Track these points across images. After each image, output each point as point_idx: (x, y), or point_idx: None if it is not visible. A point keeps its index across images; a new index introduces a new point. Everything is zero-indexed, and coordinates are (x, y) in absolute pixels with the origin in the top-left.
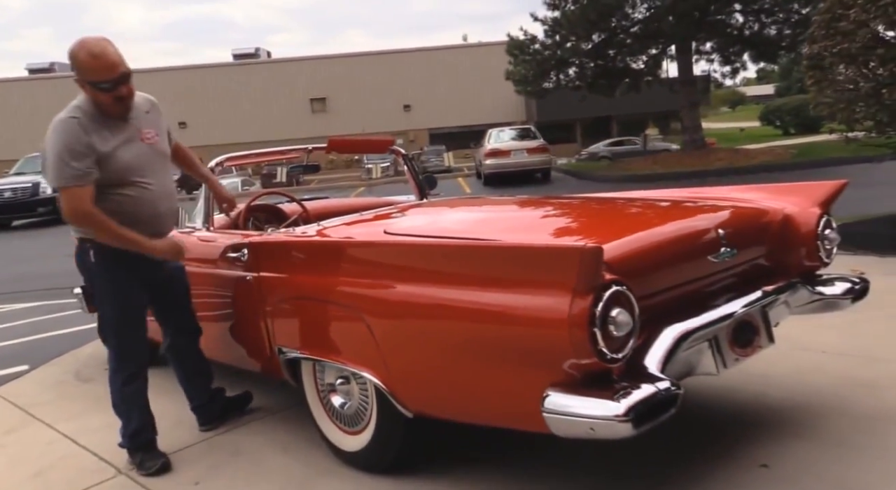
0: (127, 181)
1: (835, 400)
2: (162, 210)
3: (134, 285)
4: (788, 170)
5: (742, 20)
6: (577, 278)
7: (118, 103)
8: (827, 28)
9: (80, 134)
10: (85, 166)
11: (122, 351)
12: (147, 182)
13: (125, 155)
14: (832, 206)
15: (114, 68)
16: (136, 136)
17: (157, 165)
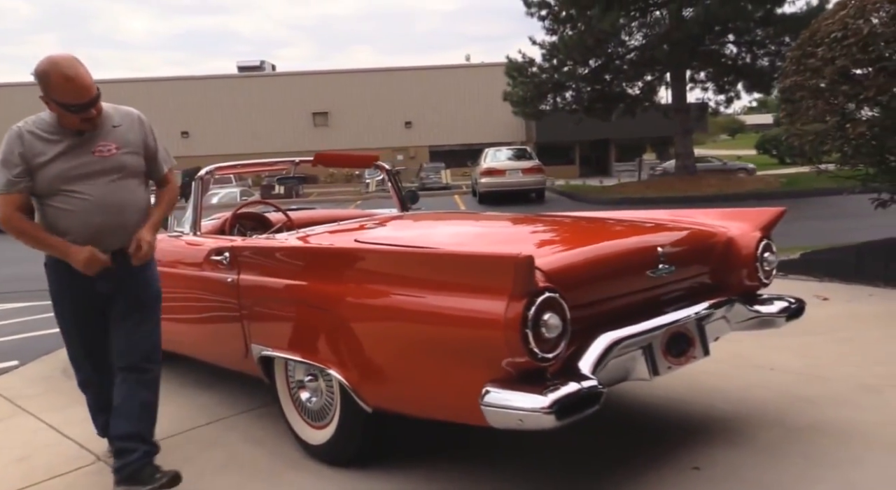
0: (57, 191)
1: (774, 412)
2: (97, 222)
3: (73, 295)
4: (776, 198)
5: (735, 51)
6: (512, 284)
7: (85, 123)
8: (798, 64)
9: (17, 145)
10: (13, 175)
11: (70, 356)
12: (81, 193)
13: (60, 165)
14: (772, 231)
15: (86, 92)
16: (86, 148)
17: (102, 177)
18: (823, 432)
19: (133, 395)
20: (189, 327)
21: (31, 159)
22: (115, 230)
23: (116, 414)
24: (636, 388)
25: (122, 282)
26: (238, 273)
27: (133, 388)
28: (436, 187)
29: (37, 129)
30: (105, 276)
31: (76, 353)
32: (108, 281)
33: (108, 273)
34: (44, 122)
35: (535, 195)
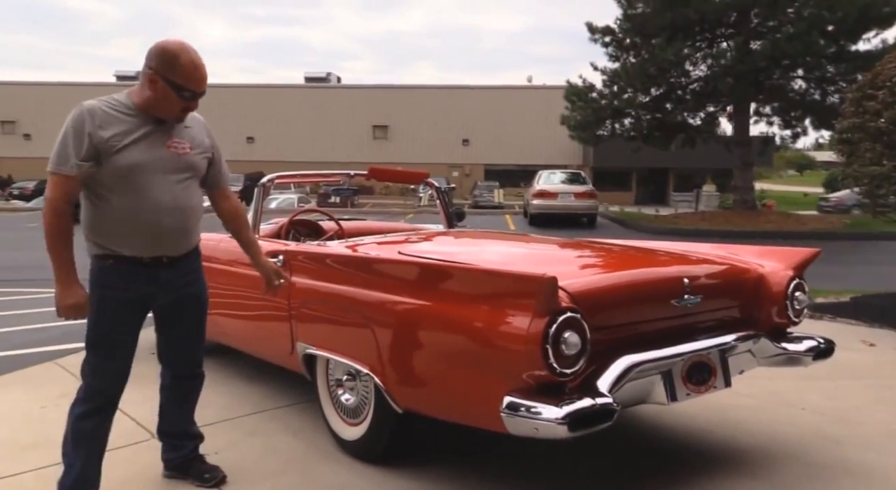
0: (127, 183)
1: (798, 449)
2: (166, 224)
3: (118, 305)
4: (837, 239)
5: (804, 86)
6: (537, 302)
7: (182, 113)
8: (857, 105)
9: (88, 121)
10: (80, 155)
11: (90, 374)
12: (153, 190)
13: (137, 154)
14: (805, 271)
15: (203, 82)
16: (162, 140)
17: (174, 175)
18: (845, 472)
19: (185, 401)
20: (240, 323)
21: (105, 140)
22: (181, 235)
23: (168, 413)
24: (658, 415)
25: (181, 292)
26: (290, 275)
27: (185, 394)
28: (488, 206)
29: (112, 109)
30: (168, 286)
31: (104, 375)
32: (171, 291)
33: (169, 283)
34: (119, 102)
35: (587, 220)
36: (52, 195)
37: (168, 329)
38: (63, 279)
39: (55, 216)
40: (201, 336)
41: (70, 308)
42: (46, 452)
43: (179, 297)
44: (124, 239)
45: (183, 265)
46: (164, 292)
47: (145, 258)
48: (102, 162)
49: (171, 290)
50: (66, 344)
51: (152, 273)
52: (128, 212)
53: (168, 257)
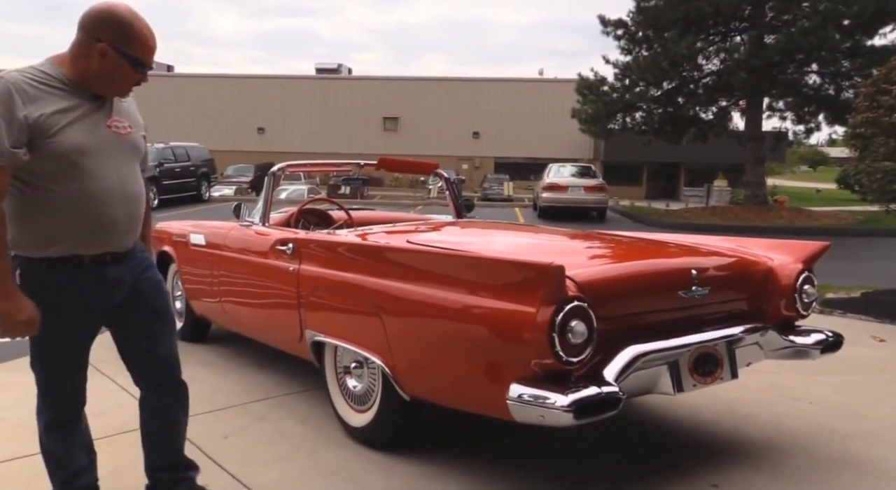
0: (67, 171)
1: (804, 443)
2: (117, 216)
3: (64, 313)
4: (848, 235)
5: (818, 81)
6: (543, 291)
7: (127, 87)
8: (871, 100)
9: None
10: (11, 141)
11: (43, 389)
12: (100, 177)
13: (77, 136)
14: (814, 264)
15: (154, 52)
16: (100, 119)
17: (122, 159)
18: (851, 467)
19: (173, 420)
20: (250, 310)
21: (39, 121)
22: (131, 227)
23: (158, 443)
24: (666, 407)
25: (137, 290)
26: (299, 263)
27: (172, 411)
28: (498, 198)
29: (41, 84)
30: (119, 286)
31: (55, 389)
32: (122, 291)
33: (120, 282)
34: (47, 75)
35: (597, 214)
36: None
37: (131, 329)
38: (4, 291)
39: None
40: (172, 329)
41: (23, 324)
42: None
43: (135, 288)
44: (64, 236)
45: (130, 260)
46: (117, 290)
47: (86, 257)
48: (35, 147)
49: (123, 286)
50: None
51: (98, 272)
52: (70, 204)
53: (112, 254)
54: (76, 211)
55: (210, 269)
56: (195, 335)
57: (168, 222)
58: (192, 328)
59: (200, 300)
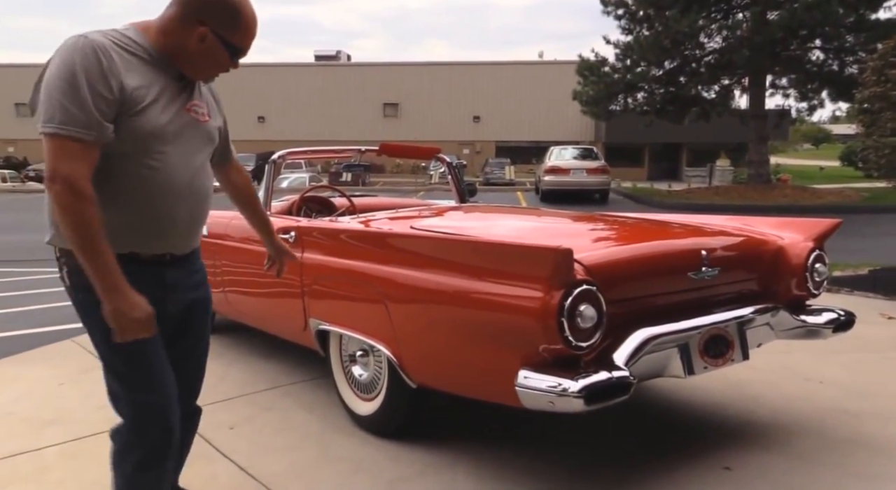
0: (145, 153)
1: (814, 423)
2: (181, 213)
3: None
4: (854, 212)
5: (822, 57)
6: (551, 275)
7: (216, 73)
8: (879, 74)
9: (103, 64)
10: (101, 111)
11: (136, 414)
12: (175, 167)
13: (158, 115)
14: (825, 242)
15: (254, 40)
16: (180, 101)
17: (197, 149)
18: (862, 446)
19: (182, 448)
20: (254, 300)
21: (125, 95)
22: (194, 229)
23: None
24: (675, 389)
25: (190, 296)
26: (302, 251)
27: (182, 438)
28: (500, 183)
29: (128, 52)
30: (175, 292)
31: (153, 406)
32: (178, 300)
33: (177, 287)
34: (132, 41)
35: (599, 196)
36: (68, 171)
37: (172, 347)
38: (113, 286)
39: (80, 201)
40: (206, 353)
41: (139, 323)
42: (66, 428)
43: (190, 303)
44: (123, 231)
45: (189, 263)
46: (173, 297)
47: (144, 255)
48: (117, 124)
49: (180, 294)
50: None
51: (157, 272)
52: (134, 195)
53: (172, 255)
54: (139, 203)
55: (213, 260)
56: None
57: None
58: None
59: None
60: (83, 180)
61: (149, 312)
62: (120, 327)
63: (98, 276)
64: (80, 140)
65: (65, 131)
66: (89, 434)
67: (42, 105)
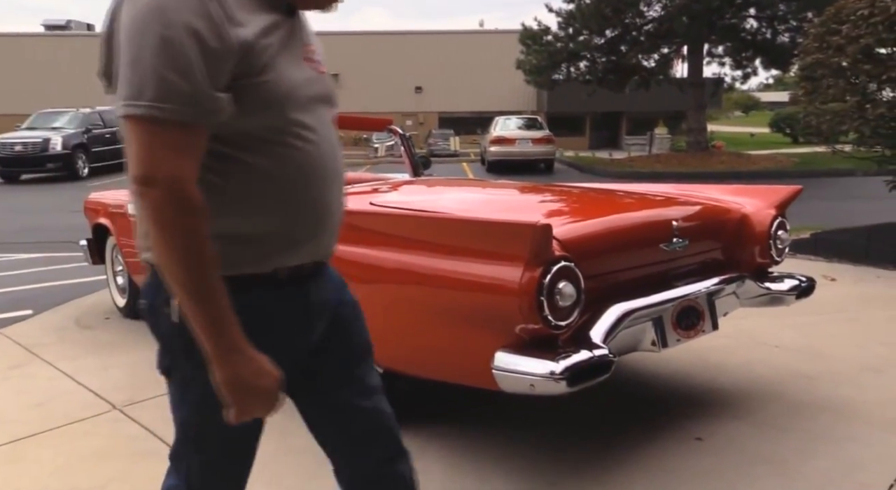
0: (282, 128)
1: (776, 388)
2: (335, 203)
3: None
4: (787, 177)
5: (756, 26)
6: (529, 252)
7: None
8: (821, 41)
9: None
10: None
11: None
12: (318, 141)
13: (289, 69)
14: (787, 209)
15: None
16: (298, 46)
17: (329, 112)
18: (824, 409)
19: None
20: None
21: (247, 48)
22: (341, 220)
23: None
24: (640, 361)
25: (337, 320)
26: None
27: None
28: (444, 154)
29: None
30: (322, 314)
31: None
32: (324, 320)
33: (324, 308)
34: None
35: (545, 166)
36: (172, 170)
37: (331, 379)
38: (233, 344)
39: (190, 215)
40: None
41: (266, 395)
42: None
43: (335, 316)
44: (260, 240)
45: (329, 273)
46: (319, 320)
47: (283, 271)
48: (238, 91)
49: (326, 313)
50: (13, 312)
51: (299, 293)
52: (274, 189)
53: (313, 265)
54: (283, 199)
55: None
56: None
57: (101, 193)
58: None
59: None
60: (192, 184)
61: (277, 380)
62: (241, 402)
63: (213, 328)
64: (187, 124)
65: (164, 111)
66: (26, 435)
67: (124, 74)
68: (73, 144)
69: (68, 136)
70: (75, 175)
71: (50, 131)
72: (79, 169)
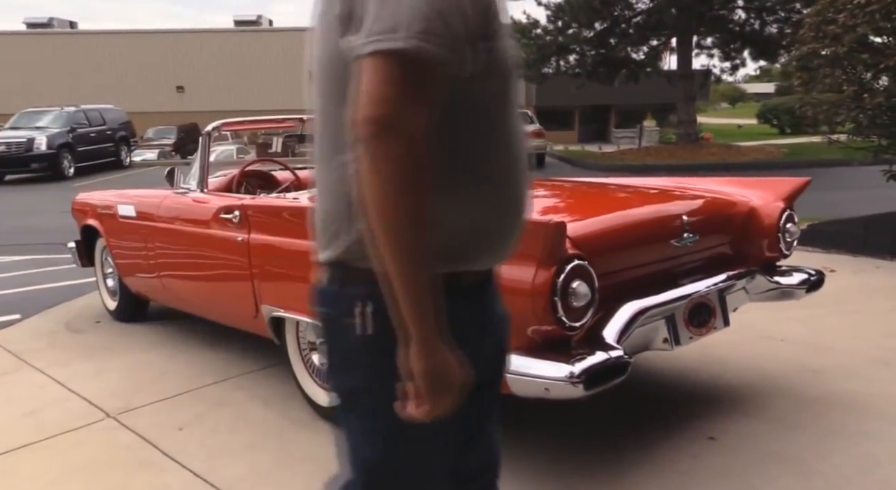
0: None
1: (785, 383)
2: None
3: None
4: (777, 168)
5: (744, 17)
6: (542, 251)
7: None
8: (817, 30)
9: None
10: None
11: None
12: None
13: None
14: (795, 202)
15: None
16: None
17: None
18: (835, 404)
19: None
20: (195, 286)
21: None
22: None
23: None
24: (647, 358)
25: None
26: (248, 232)
27: None
28: None
29: None
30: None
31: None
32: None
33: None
34: None
35: (536, 160)
36: (414, 119)
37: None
38: (433, 334)
39: (421, 172)
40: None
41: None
42: None
43: (498, 329)
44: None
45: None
46: (492, 333)
47: (465, 276)
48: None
49: (493, 325)
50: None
51: (481, 298)
52: (480, 176)
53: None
54: (493, 187)
55: (144, 243)
56: (133, 314)
57: (89, 193)
58: (129, 307)
59: (135, 276)
60: (421, 134)
61: (465, 376)
62: (438, 396)
63: (422, 309)
64: (439, 69)
65: (428, 44)
66: (17, 446)
67: (381, 8)
68: (58, 144)
69: (53, 136)
70: (61, 175)
71: (34, 131)
72: (64, 169)
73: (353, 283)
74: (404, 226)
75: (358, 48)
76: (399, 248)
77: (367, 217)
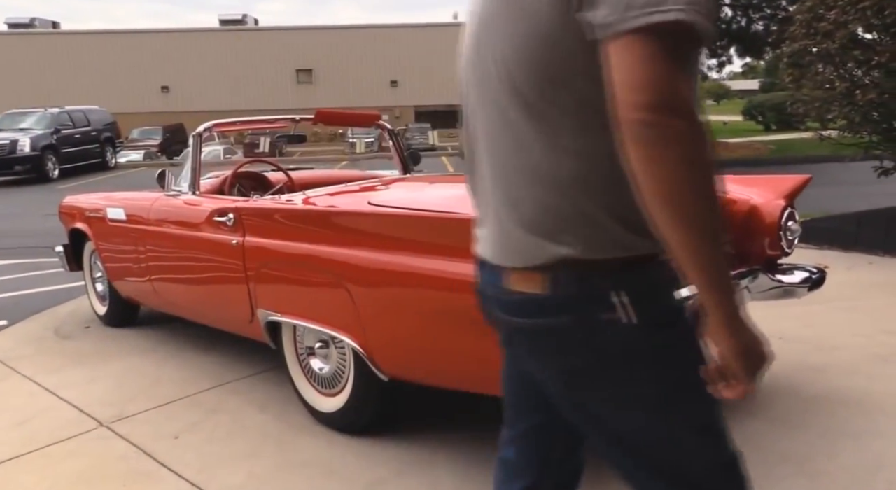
0: None
1: (787, 381)
2: None
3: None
4: (765, 165)
5: (730, 14)
6: None
7: None
8: (808, 27)
9: None
10: None
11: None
12: None
13: None
14: (796, 199)
15: None
16: None
17: None
18: (838, 402)
19: None
20: (188, 290)
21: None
22: None
23: None
24: None
25: None
26: (243, 235)
27: None
28: (422, 148)
29: None
30: None
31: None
32: None
33: None
34: None
35: None
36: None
37: None
38: (736, 309)
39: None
40: None
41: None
42: None
43: None
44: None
45: None
46: None
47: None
48: None
49: None
50: None
51: None
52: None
53: None
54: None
55: (134, 246)
56: (123, 319)
57: (77, 196)
58: (119, 311)
59: (125, 280)
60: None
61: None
62: (751, 374)
63: (725, 291)
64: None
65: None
66: (6, 458)
67: None
68: (42, 146)
69: (37, 138)
70: (45, 177)
71: (17, 132)
72: (48, 171)
73: (598, 276)
74: (710, 212)
75: (615, 24)
76: (703, 232)
77: (664, 206)
